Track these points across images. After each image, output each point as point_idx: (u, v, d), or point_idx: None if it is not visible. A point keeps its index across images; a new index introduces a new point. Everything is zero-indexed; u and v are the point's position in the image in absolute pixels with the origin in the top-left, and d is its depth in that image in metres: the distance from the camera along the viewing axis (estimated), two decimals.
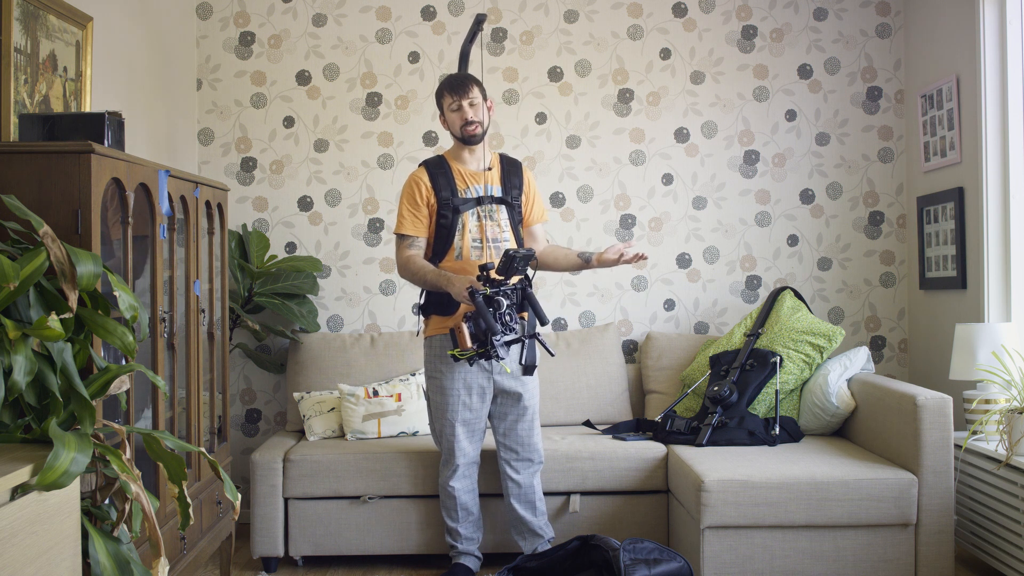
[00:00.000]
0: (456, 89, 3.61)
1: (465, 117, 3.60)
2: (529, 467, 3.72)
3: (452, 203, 3.58)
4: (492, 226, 3.62)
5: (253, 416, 4.79)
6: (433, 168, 3.65)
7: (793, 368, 4.12)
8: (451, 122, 3.63)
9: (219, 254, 3.80)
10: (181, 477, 2.30)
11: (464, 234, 3.58)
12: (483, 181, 3.65)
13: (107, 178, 2.65)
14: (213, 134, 4.78)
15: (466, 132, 3.61)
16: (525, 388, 3.68)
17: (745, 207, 4.82)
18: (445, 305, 3.57)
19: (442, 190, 3.59)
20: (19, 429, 2.22)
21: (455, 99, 3.60)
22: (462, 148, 3.68)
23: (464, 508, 3.71)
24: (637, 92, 4.80)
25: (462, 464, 3.68)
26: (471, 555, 3.74)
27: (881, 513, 3.48)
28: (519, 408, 3.68)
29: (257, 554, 3.96)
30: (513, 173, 3.73)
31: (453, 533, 3.74)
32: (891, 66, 4.80)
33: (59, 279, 2.20)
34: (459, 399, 3.61)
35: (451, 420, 3.63)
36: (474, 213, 3.61)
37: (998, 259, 4.03)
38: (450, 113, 3.62)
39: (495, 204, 3.64)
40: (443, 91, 3.64)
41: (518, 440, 3.70)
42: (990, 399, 3.76)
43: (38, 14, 3.12)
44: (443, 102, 3.65)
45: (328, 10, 4.78)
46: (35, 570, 1.90)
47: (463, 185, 3.63)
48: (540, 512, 3.75)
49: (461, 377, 3.61)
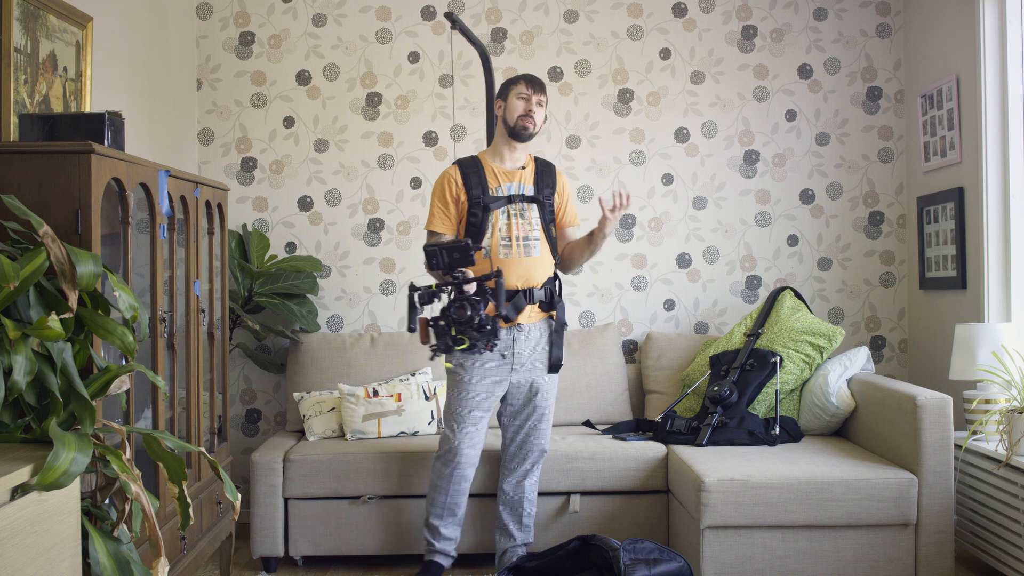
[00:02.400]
0: (533, 83, 3.66)
1: (529, 108, 3.61)
2: (522, 464, 3.72)
3: (483, 201, 3.59)
4: (523, 224, 3.61)
5: (253, 416, 4.79)
6: (466, 166, 3.65)
7: (793, 368, 4.12)
8: (512, 108, 3.62)
9: (219, 254, 3.80)
10: (181, 477, 2.30)
11: (494, 232, 3.59)
12: (516, 179, 3.66)
13: (107, 178, 2.65)
14: (213, 134, 4.78)
15: (520, 123, 3.61)
16: (544, 387, 3.68)
17: (745, 207, 4.82)
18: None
19: (473, 188, 3.60)
20: (19, 429, 2.22)
21: (528, 91, 3.63)
22: (503, 145, 3.67)
23: (449, 508, 3.67)
24: (637, 92, 4.80)
25: (463, 465, 3.64)
26: (445, 554, 3.71)
27: (881, 513, 3.48)
28: (530, 407, 3.68)
29: (257, 554, 3.96)
30: (547, 173, 3.73)
31: (432, 529, 3.70)
32: (891, 66, 4.80)
33: (59, 279, 2.20)
34: (473, 395, 3.59)
35: (462, 416, 3.60)
36: (504, 211, 3.61)
37: (998, 259, 4.03)
38: (515, 100, 3.62)
39: (526, 203, 3.64)
40: (519, 79, 3.66)
41: (525, 442, 3.70)
42: (990, 399, 3.76)
43: (38, 14, 3.12)
44: (513, 88, 3.64)
45: (328, 10, 4.78)
46: (35, 570, 1.90)
47: (495, 183, 3.63)
48: (526, 526, 3.75)
49: (481, 373, 3.59)
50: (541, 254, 3.63)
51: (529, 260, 3.60)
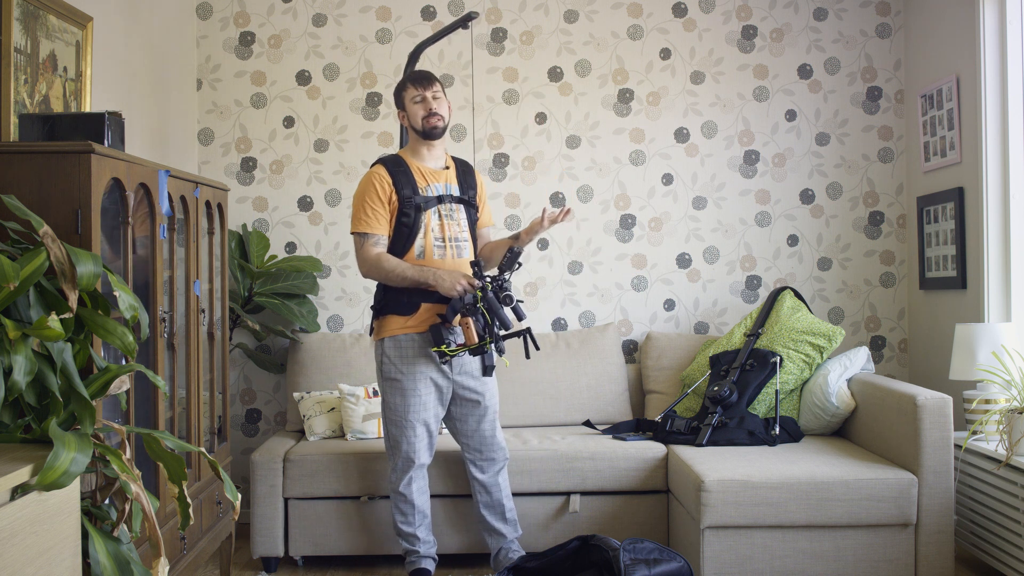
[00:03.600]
0: (420, 81, 3.59)
1: (429, 108, 3.55)
2: (494, 466, 3.70)
3: (414, 201, 3.52)
4: (452, 225, 3.58)
5: (253, 416, 4.79)
6: (392, 166, 3.58)
7: (793, 368, 4.12)
8: (412, 115, 3.58)
9: (219, 254, 3.80)
10: (181, 477, 2.30)
11: (427, 233, 3.54)
12: (443, 180, 3.62)
13: (107, 178, 2.65)
14: (213, 134, 4.78)
15: (428, 124, 3.56)
16: (487, 389, 3.65)
17: (745, 207, 4.82)
18: (407, 305, 3.52)
19: (403, 188, 3.53)
20: (19, 429, 2.22)
21: (419, 91, 3.57)
22: (421, 145, 3.62)
23: (420, 512, 3.65)
24: (637, 92, 4.80)
25: (420, 467, 3.62)
26: (430, 558, 3.69)
27: (881, 513, 3.48)
28: (480, 409, 3.65)
29: (257, 554, 3.96)
30: (468, 174, 3.71)
31: (410, 538, 3.65)
32: (891, 66, 4.80)
33: (59, 279, 2.20)
34: (420, 401, 3.55)
35: (412, 422, 3.55)
36: (436, 212, 3.57)
37: (998, 259, 4.03)
38: (412, 105, 3.57)
39: (454, 203, 3.61)
40: (406, 83, 3.61)
41: (483, 441, 3.67)
42: (990, 399, 3.76)
43: (38, 14, 3.12)
44: (405, 95, 3.60)
45: (328, 10, 4.78)
46: (35, 570, 1.90)
47: (423, 183, 3.57)
48: (510, 520, 3.73)
49: (424, 378, 3.54)
50: (469, 255, 3.62)
51: (461, 261, 3.58)
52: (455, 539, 3.94)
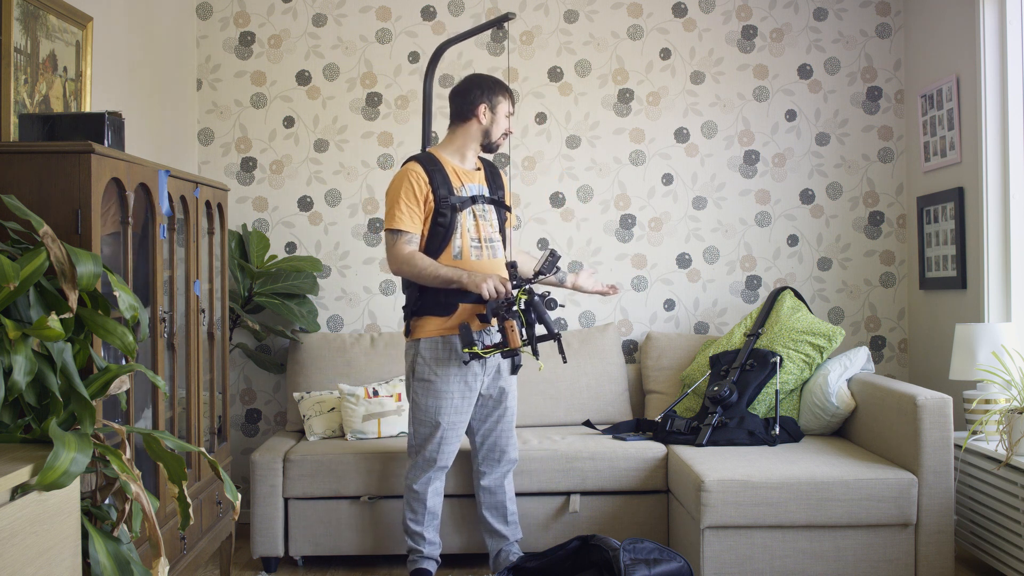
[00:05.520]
0: (512, 98, 3.66)
1: (510, 127, 3.64)
2: (501, 467, 3.70)
3: (450, 201, 3.51)
4: (486, 225, 3.59)
5: (253, 416, 4.79)
6: (428, 164, 3.55)
7: (793, 368, 4.12)
8: (499, 124, 3.61)
9: (219, 254, 3.80)
10: (181, 477, 2.30)
11: (463, 233, 3.53)
12: (476, 180, 3.63)
13: (107, 178, 2.65)
14: (213, 134, 4.78)
15: (500, 140, 3.63)
16: (511, 389, 3.67)
17: (745, 207, 4.82)
18: (444, 305, 3.50)
19: (439, 187, 3.51)
20: (19, 429, 2.22)
21: (512, 108, 3.65)
22: (470, 147, 3.62)
23: (431, 512, 3.65)
24: (637, 92, 4.80)
25: (441, 469, 3.63)
26: (432, 559, 3.68)
27: (881, 513, 3.48)
28: (500, 409, 3.66)
29: (257, 554, 3.96)
30: (495, 174, 3.73)
31: (416, 537, 3.64)
32: (891, 66, 4.80)
33: (59, 279, 2.20)
34: (452, 404, 3.55)
35: (442, 424, 3.55)
36: (470, 212, 3.56)
37: (998, 259, 4.03)
38: (504, 118, 3.61)
39: (487, 204, 3.62)
40: (508, 94, 3.64)
41: (496, 442, 3.67)
42: (990, 399, 3.76)
43: (38, 14, 3.12)
44: (501, 105, 3.61)
45: (328, 10, 4.78)
46: (35, 570, 1.90)
47: (458, 183, 3.57)
48: (512, 523, 3.73)
49: (458, 381, 3.54)
50: (502, 255, 3.64)
51: (497, 262, 3.59)
52: (456, 539, 3.94)
